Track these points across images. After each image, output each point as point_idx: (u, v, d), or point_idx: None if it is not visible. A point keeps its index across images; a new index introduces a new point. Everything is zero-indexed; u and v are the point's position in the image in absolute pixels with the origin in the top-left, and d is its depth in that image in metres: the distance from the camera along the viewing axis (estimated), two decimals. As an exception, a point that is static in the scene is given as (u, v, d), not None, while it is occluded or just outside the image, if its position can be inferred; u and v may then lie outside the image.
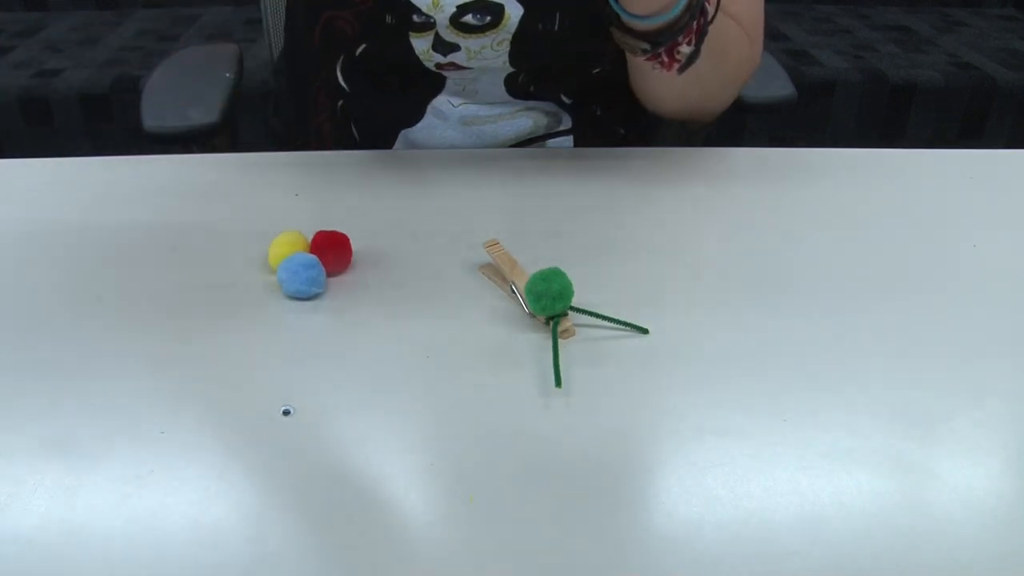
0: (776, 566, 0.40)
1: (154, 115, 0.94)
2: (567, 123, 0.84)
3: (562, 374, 0.50)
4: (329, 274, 0.59)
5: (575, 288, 0.54)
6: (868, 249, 0.65)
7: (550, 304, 0.54)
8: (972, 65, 2.16)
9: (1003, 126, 2.16)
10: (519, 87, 0.80)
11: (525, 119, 0.82)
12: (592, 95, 0.84)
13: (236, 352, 0.53)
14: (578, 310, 0.56)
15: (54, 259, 0.62)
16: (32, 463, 0.45)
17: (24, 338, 0.54)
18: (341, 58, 0.80)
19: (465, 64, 0.78)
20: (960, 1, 2.67)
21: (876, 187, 0.75)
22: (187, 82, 0.99)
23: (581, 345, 0.54)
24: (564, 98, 0.83)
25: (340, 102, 0.83)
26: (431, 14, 0.74)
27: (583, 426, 0.48)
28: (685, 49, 0.68)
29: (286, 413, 0.48)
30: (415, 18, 0.74)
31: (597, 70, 0.82)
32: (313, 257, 0.58)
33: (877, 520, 0.42)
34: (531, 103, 0.81)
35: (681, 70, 0.70)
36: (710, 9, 0.68)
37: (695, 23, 0.67)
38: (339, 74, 0.81)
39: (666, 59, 0.69)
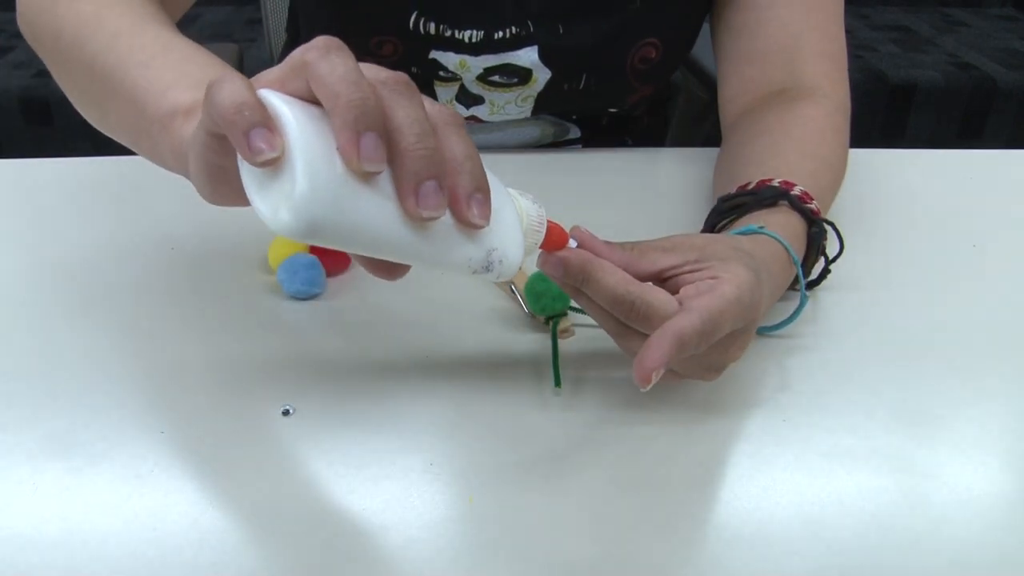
0: (776, 566, 0.40)
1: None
2: (575, 133, 0.84)
3: (562, 374, 0.50)
4: (329, 274, 0.59)
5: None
6: (868, 249, 0.65)
7: (550, 304, 0.54)
8: (972, 65, 2.16)
9: (1003, 126, 2.15)
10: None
11: (532, 128, 0.81)
12: (601, 116, 0.84)
13: (236, 352, 0.53)
14: (578, 310, 0.56)
15: (54, 259, 0.62)
16: (32, 463, 0.45)
17: (24, 338, 0.54)
18: None
19: (486, 119, 0.78)
20: (960, 1, 2.66)
21: (876, 187, 0.75)
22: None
23: (581, 345, 0.54)
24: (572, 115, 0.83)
25: None
26: (458, 72, 0.74)
27: (583, 426, 0.48)
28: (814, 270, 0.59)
29: (286, 413, 0.48)
30: (441, 73, 0.75)
31: (613, 110, 0.82)
32: (313, 257, 0.58)
33: (877, 520, 0.42)
34: (539, 114, 0.81)
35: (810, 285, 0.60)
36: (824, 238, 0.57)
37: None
38: None
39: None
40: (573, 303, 0.55)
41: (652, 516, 0.42)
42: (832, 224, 0.58)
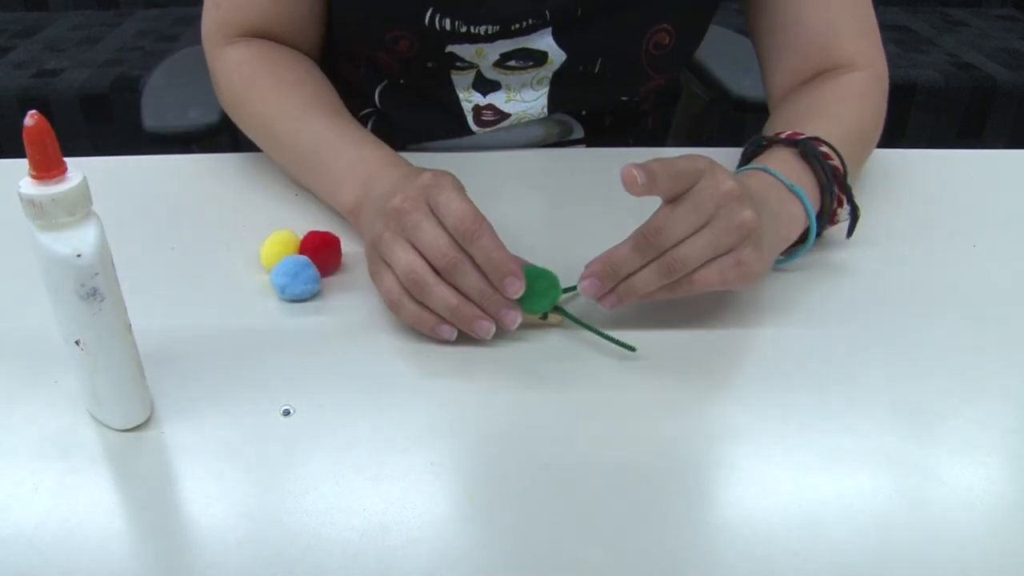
0: (776, 566, 0.40)
1: (154, 115, 0.94)
2: (578, 133, 0.84)
3: (559, 374, 0.50)
4: (322, 274, 0.59)
5: (575, 288, 0.54)
6: (868, 248, 0.65)
7: (540, 302, 0.53)
8: (972, 65, 2.16)
9: (1003, 126, 2.15)
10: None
11: (537, 127, 0.82)
12: (607, 113, 0.84)
13: (236, 352, 0.53)
14: (569, 316, 0.56)
15: (54, 259, 0.62)
16: (32, 463, 0.45)
17: (24, 337, 0.54)
18: (384, 82, 0.80)
19: (503, 107, 0.78)
20: (960, 1, 2.66)
21: (876, 187, 0.75)
22: (187, 82, 0.99)
23: (580, 345, 0.54)
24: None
25: (372, 118, 0.83)
26: (474, 61, 0.75)
27: (583, 426, 0.48)
28: (842, 213, 0.63)
29: (286, 413, 0.48)
30: (458, 64, 0.75)
31: (624, 99, 0.83)
32: (303, 258, 0.58)
33: (877, 520, 0.42)
34: (555, 101, 0.81)
35: (849, 233, 0.64)
36: (839, 166, 0.62)
37: (837, 196, 0.62)
38: (376, 95, 0.81)
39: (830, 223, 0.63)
40: (567, 309, 0.55)
41: (652, 516, 0.42)
42: (837, 152, 0.62)
